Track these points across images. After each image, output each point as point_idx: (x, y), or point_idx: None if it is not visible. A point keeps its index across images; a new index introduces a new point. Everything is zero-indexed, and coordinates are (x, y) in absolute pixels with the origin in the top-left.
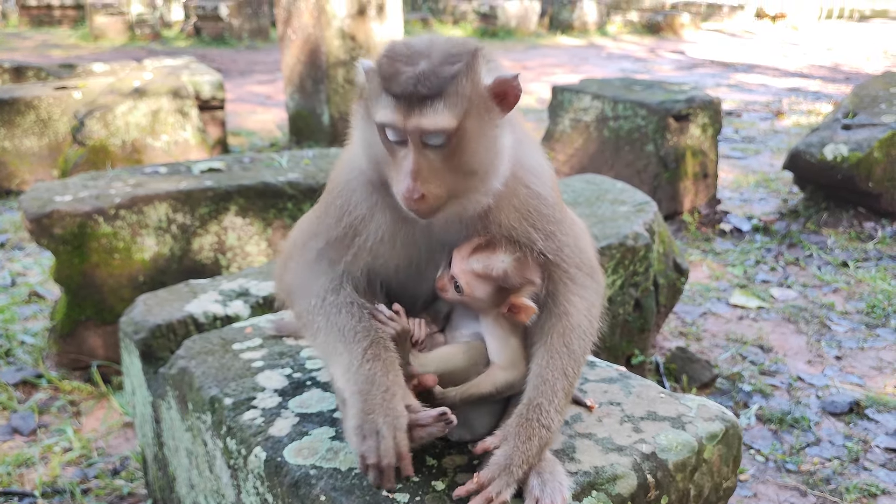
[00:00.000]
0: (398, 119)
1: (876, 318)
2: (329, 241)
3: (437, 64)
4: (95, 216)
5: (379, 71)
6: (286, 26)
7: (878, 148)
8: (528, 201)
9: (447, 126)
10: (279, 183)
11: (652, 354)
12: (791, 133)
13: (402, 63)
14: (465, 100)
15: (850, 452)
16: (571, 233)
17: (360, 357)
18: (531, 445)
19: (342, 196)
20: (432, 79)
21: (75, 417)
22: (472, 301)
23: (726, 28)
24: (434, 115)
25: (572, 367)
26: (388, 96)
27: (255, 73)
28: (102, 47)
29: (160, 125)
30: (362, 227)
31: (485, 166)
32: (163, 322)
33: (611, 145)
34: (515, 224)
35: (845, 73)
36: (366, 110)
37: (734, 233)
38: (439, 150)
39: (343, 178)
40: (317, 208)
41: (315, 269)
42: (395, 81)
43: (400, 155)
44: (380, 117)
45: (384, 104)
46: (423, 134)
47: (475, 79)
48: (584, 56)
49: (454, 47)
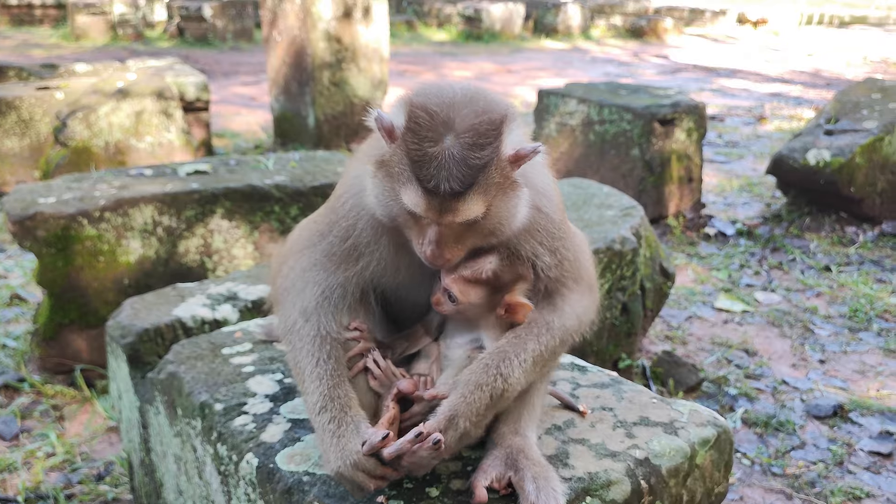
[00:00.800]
0: (430, 214)
1: (858, 322)
2: (330, 254)
3: (466, 147)
4: (80, 218)
5: (405, 149)
6: (271, 28)
7: (859, 153)
8: (537, 222)
9: (478, 214)
10: (266, 186)
11: (639, 358)
12: (773, 138)
13: (429, 142)
14: (494, 186)
15: (834, 456)
16: (573, 248)
17: (315, 405)
18: (481, 395)
19: (349, 218)
20: (463, 170)
21: (58, 422)
22: (469, 308)
23: (709, 33)
24: (465, 209)
25: (547, 339)
26: (417, 186)
27: (239, 74)
28: (84, 47)
29: (144, 126)
30: (367, 250)
31: (507, 226)
32: (150, 326)
33: (596, 149)
34: (524, 242)
35: (826, 79)
36: (385, 178)
37: (718, 237)
38: (464, 226)
39: (350, 201)
40: (320, 220)
41: (306, 279)
42: (425, 171)
43: (423, 222)
44: (409, 205)
45: (414, 193)
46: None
47: (502, 160)
48: (569, 60)
49: (480, 119)
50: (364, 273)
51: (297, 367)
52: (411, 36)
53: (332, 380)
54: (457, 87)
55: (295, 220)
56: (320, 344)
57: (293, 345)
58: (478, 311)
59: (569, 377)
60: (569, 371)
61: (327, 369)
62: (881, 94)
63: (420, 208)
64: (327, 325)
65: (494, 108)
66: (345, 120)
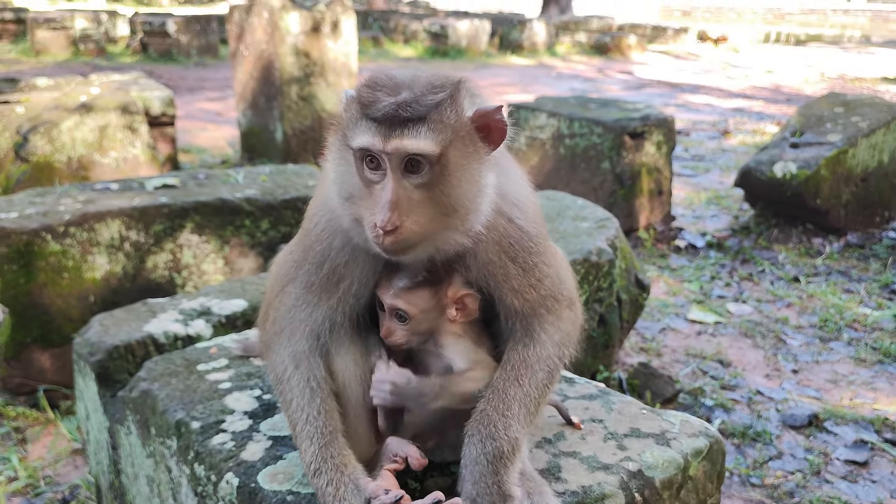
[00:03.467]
0: (377, 141)
1: (829, 331)
2: (309, 285)
3: (420, 94)
4: (43, 234)
5: (359, 98)
6: (238, 42)
7: (824, 166)
8: (509, 234)
9: (429, 150)
10: (236, 199)
11: (615, 370)
12: (738, 151)
13: (384, 92)
14: (449, 129)
15: (811, 465)
16: (553, 264)
17: (310, 466)
18: (488, 468)
19: (322, 240)
20: (414, 105)
21: (20, 445)
22: (422, 321)
23: (671, 50)
24: (416, 139)
25: (529, 379)
26: (367, 121)
27: (204, 90)
28: (44, 62)
29: (108, 141)
30: (346, 271)
31: (466, 203)
32: (120, 343)
33: (567, 163)
34: (494, 258)
35: (786, 94)
36: (341, 141)
37: (689, 249)
38: (419, 182)
39: (322, 220)
40: (294, 250)
41: (292, 319)
42: (375, 107)
43: (377, 187)
44: (357, 142)
45: (363, 129)
46: (404, 157)
47: (458, 109)
48: (535, 76)
49: (438, 79)
50: (348, 296)
51: (289, 421)
52: (378, 52)
53: (324, 437)
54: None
55: (266, 234)
56: (311, 396)
57: (284, 396)
58: (431, 320)
59: (557, 389)
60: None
61: (318, 426)
62: (844, 108)
63: (366, 138)
64: (318, 373)
65: (454, 74)
66: (313, 134)
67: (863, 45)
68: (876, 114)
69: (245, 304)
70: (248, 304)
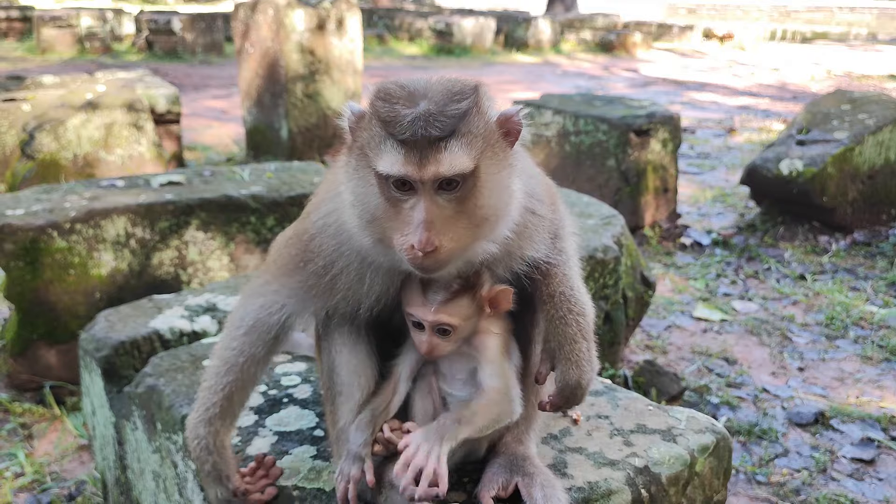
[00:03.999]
0: (411, 169)
1: (835, 329)
2: (308, 285)
3: (442, 103)
4: (49, 230)
5: (376, 115)
6: (244, 40)
7: (831, 163)
8: (534, 225)
9: (466, 168)
10: (242, 196)
11: (620, 368)
12: (744, 149)
13: (401, 105)
14: (480, 139)
15: (817, 463)
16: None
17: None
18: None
19: (324, 257)
20: (442, 119)
21: (27, 441)
22: (465, 329)
23: (677, 48)
24: (451, 158)
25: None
26: (393, 143)
27: (209, 87)
28: (50, 60)
29: (114, 139)
30: (346, 287)
31: (498, 212)
32: (126, 339)
33: (572, 160)
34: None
35: (792, 92)
36: (359, 161)
37: (694, 247)
38: (452, 197)
39: (325, 241)
40: (292, 244)
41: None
42: (400, 125)
43: (406, 207)
44: (386, 168)
45: (390, 152)
46: (440, 181)
47: (484, 117)
48: (540, 73)
49: (455, 85)
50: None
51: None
52: (382, 50)
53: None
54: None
55: (271, 231)
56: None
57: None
58: (472, 325)
59: None
60: None
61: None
62: (850, 106)
63: (398, 166)
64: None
65: (466, 80)
66: (318, 132)
67: (869, 42)
68: (883, 111)
69: None
70: None
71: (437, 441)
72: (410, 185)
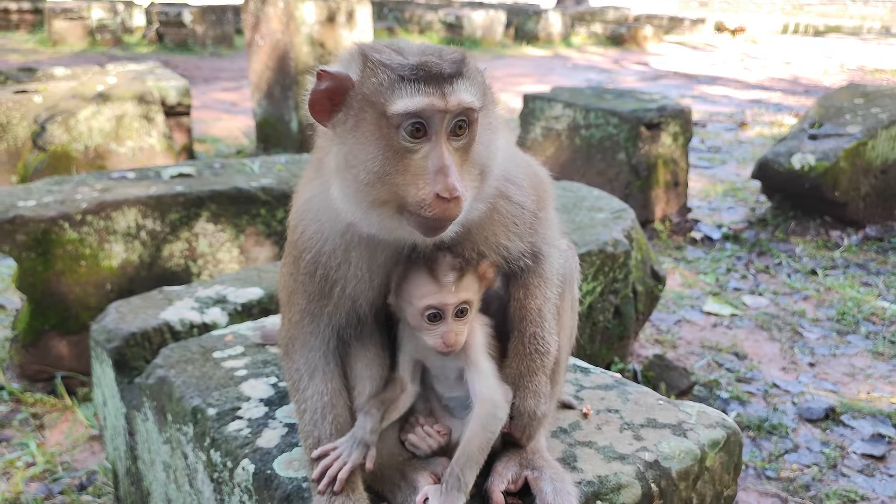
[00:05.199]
0: (436, 100)
1: (846, 324)
2: (309, 295)
3: (437, 52)
4: (61, 222)
5: (381, 65)
6: (254, 32)
7: (843, 158)
8: (509, 212)
9: (477, 104)
10: (252, 188)
11: (630, 362)
12: (755, 143)
13: (403, 55)
14: (476, 84)
15: (827, 459)
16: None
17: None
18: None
19: (310, 248)
20: (446, 60)
21: (38, 431)
22: (475, 306)
23: (688, 41)
24: (465, 91)
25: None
26: (408, 83)
27: (219, 80)
28: (61, 52)
29: (125, 130)
30: (339, 276)
31: (490, 164)
32: (137, 330)
33: (582, 153)
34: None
35: (804, 86)
36: (360, 115)
37: (705, 241)
38: (459, 144)
39: (308, 226)
40: (287, 262)
41: (302, 330)
42: (411, 67)
43: (417, 157)
44: (407, 106)
45: (406, 91)
46: (454, 117)
47: (473, 65)
48: (550, 66)
49: (438, 45)
50: (343, 300)
51: (302, 432)
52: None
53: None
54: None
55: (281, 223)
56: (322, 413)
57: (299, 406)
58: (478, 303)
59: (572, 379)
60: (571, 373)
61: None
62: (863, 100)
63: (421, 99)
64: (332, 385)
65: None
66: None
67: (883, 36)
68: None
69: (261, 293)
70: (263, 292)
71: (453, 497)
72: (424, 131)
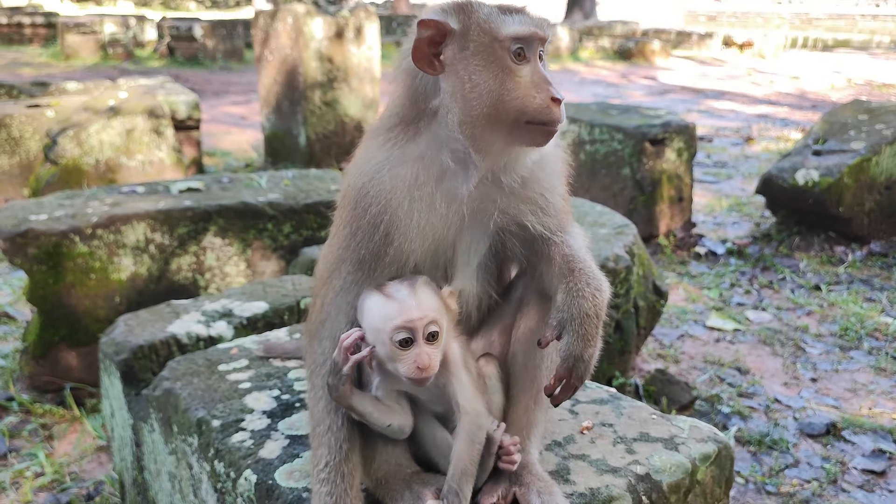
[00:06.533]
0: (543, 24)
1: (849, 340)
2: (360, 261)
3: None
4: (71, 235)
5: (488, 5)
6: (263, 47)
7: (847, 174)
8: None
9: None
10: (259, 203)
11: (632, 376)
12: (761, 158)
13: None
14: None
15: (828, 474)
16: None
17: (319, 473)
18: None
19: (378, 202)
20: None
21: (47, 441)
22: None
23: (696, 55)
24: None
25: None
26: (514, 12)
27: (229, 93)
28: (74, 66)
29: (135, 144)
30: (399, 231)
31: None
32: (145, 343)
33: (587, 169)
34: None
35: (812, 101)
36: (479, 41)
37: (709, 256)
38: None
39: (380, 182)
40: (339, 233)
41: (340, 303)
42: (515, 6)
43: (522, 75)
44: (516, 31)
45: (516, 18)
46: (545, 41)
47: None
48: (558, 81)
49: None
50: (396, 258)
51: (312, 419)
52: None
53: (342, 453)
54: None
55: (288, 238)
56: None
57: (315, 392)
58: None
59: None
60: None
61: (340, 438)
62: (868, 116)
63: (531, 24)
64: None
65: None
66: (336, 139)
67: (892, 50)
68: None
69: (266, 307)
70: (269, 306)
71: None
72: (524, 55)
